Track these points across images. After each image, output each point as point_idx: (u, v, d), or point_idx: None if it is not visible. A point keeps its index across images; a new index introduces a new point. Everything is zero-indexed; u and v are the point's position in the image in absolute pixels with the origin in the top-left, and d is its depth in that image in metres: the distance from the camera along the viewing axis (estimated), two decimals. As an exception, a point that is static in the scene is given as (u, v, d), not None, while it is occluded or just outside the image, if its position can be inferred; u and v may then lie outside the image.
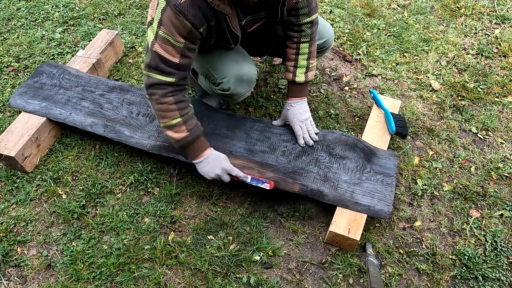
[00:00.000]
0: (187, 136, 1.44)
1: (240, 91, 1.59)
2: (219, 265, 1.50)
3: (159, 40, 1.30)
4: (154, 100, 1.40)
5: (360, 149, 1.68)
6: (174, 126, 1.42)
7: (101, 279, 1.47)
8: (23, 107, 1.84)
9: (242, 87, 1.58)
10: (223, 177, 1.52)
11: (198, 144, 1.49)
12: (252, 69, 1.59)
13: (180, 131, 1.43)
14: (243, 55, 1.62)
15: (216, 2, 1.27)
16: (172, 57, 1.33)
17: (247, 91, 1.62)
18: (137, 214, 1.65)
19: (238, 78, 1.55)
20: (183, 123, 1.43)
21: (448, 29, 2.47)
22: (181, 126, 1.43)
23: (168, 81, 1.36)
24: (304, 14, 1.51)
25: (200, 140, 1.50)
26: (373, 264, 1.29)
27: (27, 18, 2.56)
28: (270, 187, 1.55)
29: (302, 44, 1.57)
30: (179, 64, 1.35)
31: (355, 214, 1.52)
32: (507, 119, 1.98)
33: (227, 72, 1.55)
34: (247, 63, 1.58)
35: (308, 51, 1.58)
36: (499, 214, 1.65)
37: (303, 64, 1.60)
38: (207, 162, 1.51)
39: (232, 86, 1.56)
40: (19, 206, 1.68)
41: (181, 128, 1.43)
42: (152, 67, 1.35)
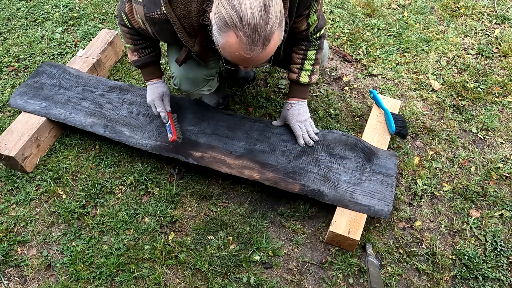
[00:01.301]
0: (135, 61, 1.59)
1: (186, 88, 1.64)
2: (219, 265, 1.50)
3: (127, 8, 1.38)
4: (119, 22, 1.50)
5: (360, 149, 1.68)
6: (128, 49, 1.59)
7: (101, 279, 1.47)
8: (23, 107, 1.84)
9: (188, 85, 1.62)
10: (152, 108, 1.69)
11: (149, 70, 1.63)
12: (200, 70, 1.59)
13: (132, 55, 1.59)
14: None
15: (186, 38, 1.29)
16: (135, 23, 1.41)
17: (194, 89, 1.65)
18: (137, 214, 1.65)
19: (183, 76, 1.59)
20: (134, 50, 1.57)
21: (448, 29, 2.47)
22: (133, 51, 1.58)
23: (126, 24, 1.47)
24: (313, 34, 1.51)
25: (150, 68, 1.63)
26: (373, 264, 1.29)
27: (27, 18, 2.56)
28: (170, 140, 1.65)
29: (309, 52, 1.58)
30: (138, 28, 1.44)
31: (355, 214, 1.52)
32: (507, 119, 1.98)
33: (176, 69, 1.59)
34: (196, 63, 1.58)
35: (314, 58, 1.59)
36: (499, 214, 1.65)
37: (308, 68, 1.60)
38: (150, 87, 1.66)
39: (178, 83, 1.62)
40: (19, 206, 1.68)
41: (133, 53, 1.58)
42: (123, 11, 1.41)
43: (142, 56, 1.58)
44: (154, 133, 1.75)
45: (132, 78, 2.17)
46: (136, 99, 1.87)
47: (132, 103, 1.86)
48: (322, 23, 1.51)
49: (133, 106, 1.85)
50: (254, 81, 2.13)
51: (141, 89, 1.93)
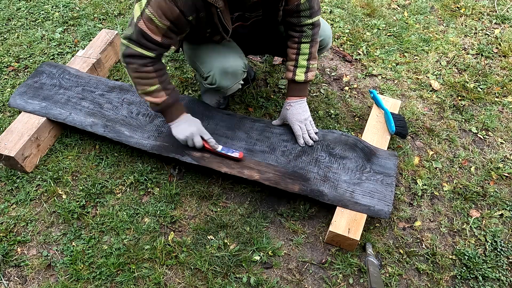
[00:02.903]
0: (167, 100, 1.50)
1: (226, 84, 1.60)
2: (219, 265, 1.50)
3: (144, 18, 1.32)
4: (132, 69, 1.43)
5: (360, 149, 1.68)
6: (153, 92, 1.47)
7: (101, 279, 1.47)
8: (23, 107, 1.84)
9: (228, 80, 1.59)
10: (195, 139, 1.57)
11: (176, 107, 1.56)
12: (237, 62, 1.58)
13: (160, 96, 1.49)
14: (230, 48, 1.62)
15: None
16: (155, 35, 1.35)
17: (233, 83, 1.62)
18: (137, 214, 1.65)
19: (222, 71, 1.56)
20: (162, 88, 1.48)
21: (448, 29, 2.47)
22: (160, 91, 1.48)
23: (148, 55, 1.40)
24: (305, 16, 1.51)
25: (178, 104, 1.56)
26: (373, 264, 1.29)
27: (27, 18, 2.56)
28: (239, 157, 1.60)
29: (303, 45, 1.57)
30: (161, 43, 1.38)
31: (355, 214, 1.52)
32: (507, 119, 1.98)
33: (212, 66, 1.57)
34: (232, 56, 1.58)
35: (308, 52, 1.58)
36: (499, 214, 1.65)
37: (303, 64, 1.60)
38: (182, 122, 1.57)
39: (217, 79, 1.58)
40: (19, 206, 1.68)
41: (160, 93, 1.48)
42: (133, 40, 1.37)
43: (171, 93, 1.50)
44: (154, 133, 1.75)
45: (132, 78, 2.17)
46: (136, 99, 1.87)
47: (132, 103, 1.86)
48: (316, 5, 1.51)
49: (133, 106, 1.85)
50: (254, 81, 2.13)
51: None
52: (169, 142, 1.70)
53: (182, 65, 2.24)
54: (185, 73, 2.20)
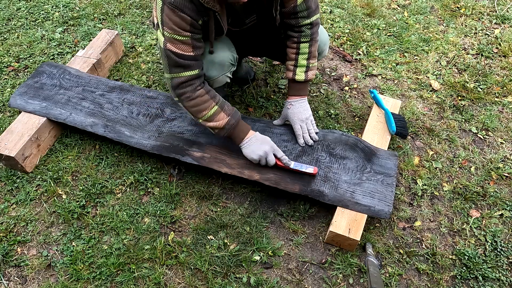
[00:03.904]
0: (230, 120, 1.49)
1: (212, 74, 1.57)
2: (219, 265, 1.50)
3: (167, 40, 1.34)
4: (186, 98, 1.43)
5: (360, 149, 1.68)
6: (213, 115, 1.46)
7: (101, 279, 1.47)
8: (23, 107, 1.84)
9: (214, 70, 1.56)
10: (269, 157, 1.55)
11: (242, 126, 1.54)
12: (225, 53, 1.57)
13: (221, 118, 1.47)
14: (221, 41, 1.60)
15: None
16: (186, 52, 1.37)
17: (220, 74, 1.59)
18: (137, 214, 1.65)
19: (209, 61, 1.55)
20: (220, 110, 1.47)
21: (448, 29, 2.47)
22: (219, 113, 1.47)
23: (193, 74, 1.40)
24: (303, 17, 1.52)
25: (242, 122, 1.54)
26: (373, 264, 1.29)
27: (27, 18, 2.56)
28: (314, 172, 1.57)
29: (302, 44, 1.57)
30: (195, 56, 1.39)
31: (355, 214, 1.52)
32: (507, 119, 1.98)
33: None
34: (220, 47, 1.57)
35: (308, 51, 1.59)
36: (499, 214, 1.65)
37: (303, 64, 1.60)
38: (254, 141, 1.54)
39: (204, 69, 1.56)
40: (19, 206, 1.68)
41: (221, 115, 1.47)
42: (172, 65, 1.38)
43: (231, 112, 1.49)
44: (154, 133, 1.75)
45: (132, 78, 2.17)
46: (136, 99, 1.87)
47: (132, 103, 1.86)
48: (313, 4, 1.51)
49: (133, 106, 1.85)
50: (254, 81, 2.13)
51: (141, 89, 1.93)
52: (169, 142, 1.70)
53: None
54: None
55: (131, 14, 2.59)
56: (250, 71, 2.11)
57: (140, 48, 2.36)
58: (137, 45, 2.37)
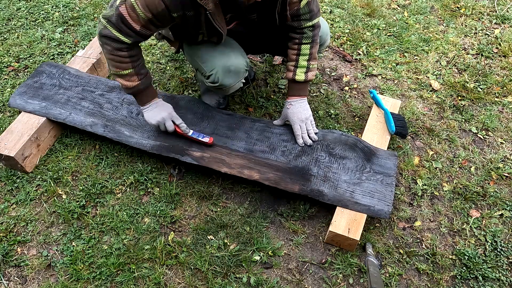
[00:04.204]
0: (139, 85, 1.51)
1: (229, 82, 1.60)
2: (219, 265, 1.50)
3: (127, 4, 1.32)
4: (107, 50, 1.43)
5: (360, 149, 1.68)
6: (125, 76, 1.48)
7: (101, 279, 1.47)
8: (23, 107, 1.84)
9: (230, 78, 1.59)
10: (167, 123, 1.61)
11: (148, 93, 1.58)
12: (239, 60, 1.59)
13: (132, 80, 1.50)
14: (232, 47, 1.62)
15: None
16: (134, 23, 1.35)
17: (236, 82, 1.63)
18: (137, 214, 1.65)
19: (225, 69, 1.56)
20: (134, 73, 1.49)
21: (448, 29, 2.47)
22: (132, 76, 1.49)
23: (124, 41, 1.39)
24: (305, 19, 1.53)
25: (150, 89, 1.58)
26: (373, 264, 1.29)
27: (27, 18, 2.56)
28: (209, 142, 1.64)
29: (303, 46, 1.58)
30: (139, 31, 1.38)
31: (355, 214, 1.52)
32: (507, 119, 1.98)
33: (215, 64, 1.57)
34: (234, 54, 1.59)
35: (309, 52, 1.59)
36: (499, 214, 1.65)
37: (303, 65, 1.61)
38: (154, 106, 1.60)
39: (220, 78, 1.58)
40: (19, 206, 1.68)
41: (133, 78, 1.49)
42: (112, 22, 1.36)
43: (143, 78, 1.51)
44: (154, 133, 1.75)
45: (132, 78, 2.17)
46: (136, 99, 1.87)
47: (132, 103, 1.86)
48: (315, 8, 1.52)
49: (133, 106, 1.84)
50: (254, 81, 2.13)
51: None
52: (169, 142, 1.70)
53: (182, 65, 2.24)
54: (185, 73, 2.20)
55: None
56: (250, 71, 2.11)
57: (140, 48, 2.35)
58: (137, 45, 2.37)
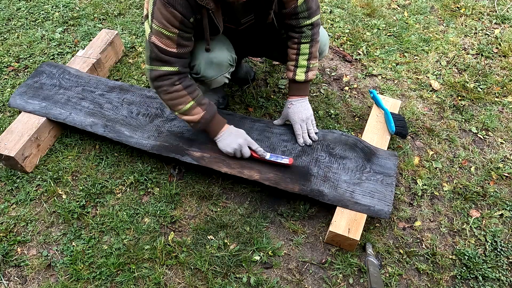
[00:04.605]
0: (205, 115, 1.50)
1: (210, 74, 1.58)
2: (219, 265, 1.50)
3: (154, 33, 1.35)
4: (163, 92, 1.44)
5: (360, 149, 1.67)
6: (189, 110, 1.48)
7: (101, 279, 1.47)
8: (23, 107, 1.84)
9: (212, 70, 1.57)
10: (244, 149, 1.57)
11: (217, 121, 1.56)
12: (223, 54, 1.57)
13: (197, 113, 1.49)
14: (219, 41, 1.61)
15: None
16: (170, 48, 1.37)
17: (218, 75, 1.60)
18: (137, 214, 1.65)
19: (207, 61, 1.55)
20: (197, 105, 1.49)
21: (448, 29, 2.47)
22: (195, 108, 1.49)
23: (172, 71, 1.41)
24: (303, 18, 1.52)
25: (218, 116, 1.56)
26: (373, 264, 1.29)
27: (27, 18, 2.56)
28: (290, 163, 1.58)
29: (302, 45, 1.57)
30: (178, 53, 1.39)
31: (355, 214, 1.52)
32: (507, 119, 1.98)
33: (198, 55, 1.56)
34: (219, 47, 1.57)
35: (308, 52, 1.59)
36: (499, 214, 1.65)
37: (303, 64, 1.61)
38: (228, 134, 1.57)
39: (202, 69, 1.57)
40: (19, 206, 1.68)
41: (196, 109, 1.49)
42: (153, 58, 1.38)
43: (207, 107, 1.50)
44: (154, 133, 1.75)
45: (132, 78, 2.17)
46: (136, 99, 1.87)
47: (132, 103, 1.86)
48: (314, 5, 1.51)
49: (133, 106, 1.85)
50: (254, 81, 2.13)
51: (141, 89, 1.93)
52: (169, 142, 1.70)
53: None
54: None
55: (131, 14, 2.59)
56: (250, 71, 2.11)
57: (140, 48, 2.36)
58: (137, 45, 2.37)
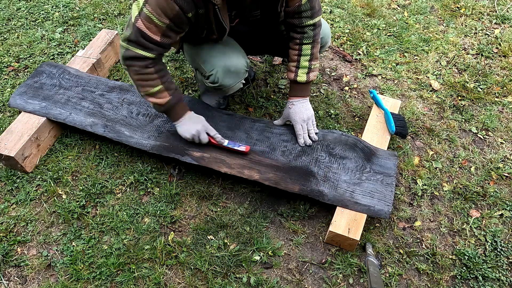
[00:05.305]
0: (171, 100, 1.51)
1: (229, 82, 1.60)
2: (219, 265, 1.50)
3: (142, 17, 1.31)
4: (133, 71, 1.43)
5: (360, 149, 1.68)
6: (156, 93, 1.48)
7: (101, 279, 1.47)
8: (23, 107, 1.84)
9: (230, 78, 1.59)
10: (201, 136, 1.59)
11: (180, 107, 1.57)
12: (240, 61, 1.59)
13: (163, 97, 1.49)
14: (232, 47, 1.62)
15: None
16: (154, 35, 1.35)
17: (236, 82, 1.63)
18: (137, 214, 1.65)
19: (225, 70, 1.56)
20: (164, 89, 1.48)
21: (448, 29, 2.47)
22: (163, 92, 1.48)
23: (148, 56, 1.39)
24: (306, 17, 1.52)
25: (182, 103, 1.58)
26: (373, 264, 1.29)
27: (27, 18, 2.56)
28: (246, 150, 1.61)
29: (304, 46, 1.58)
30: (160, 42, 1.37)
31: (355, 214, 1.52)
32: (507, 119, 1.98)
33: (215, 64, 1.56)
34: (235, 55, 1.58)
35: (310, 53, 1.59)
36: (499, 214, 1.65)
37: (305, 65, 1.61)
38: (188, 119, 1.58)
39: (220, 78, 1.58)
40: (19, 206, 1.68)
41: (164, 94, 1.49)
42: (132, 40, 1.36)
43: (174, 93, 1.51)
44: (154, 133, 1.75)
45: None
46: (136, 99, 1.87)
47: (132, 103, 1.86)
48: (317, 5, 1.51)
49: (133, 106, 1.85)
50: (254, 81, 2.13)
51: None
52: (169, 142, 1.70)
53: (182, 65, 2.25)
54: (185, 73, 2.20)
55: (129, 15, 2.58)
56: (250, 71, 2.11)
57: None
58: (137, 45, 2.37)
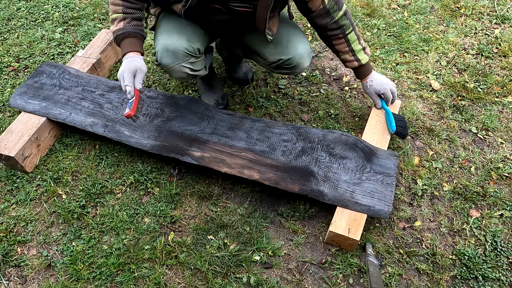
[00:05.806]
0: (119, 30, 1.48)
1: (166, 62, 1.54)
2: (219, 265, 1.50)
3: None
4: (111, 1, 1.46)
5: (360, 149, 1.68)
6: (114, 20, 1.49)
7: (101, 279, 1.47)
8: (23, 107, 1.84)
9: (168, 58, 1.53)
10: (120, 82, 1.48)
11: (130, 43, 1.49)
12: (180, 41, 1.52)
13: (118, 25, 1.49)
14: (183, 27, 1.56)
15: None
16: None
17: (174, 63, 1.54)
18: (137, 214, 1.65)
19: (164, 48, 1.52)
20: (122, 18, 1.48)
21: (448, 29, 2.47)
22: (120, 21, 1.48)
23: None
24: (335, 11, 1.55)
25: (134, 40, 1.50)
26: (373, 264, 1.29)
27: (27, 18, 2.56)
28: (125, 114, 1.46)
29: (349, 35, 1.62)
30: None
31: (355, 214, 1.52)
32: (507, 119, 1.98)
33: (159, 41, 1.54)
34: (178, 34, 1.53)
35: (356, 37, 1.64)
36: (499, 214, 1.65)
37: (359, 48, 1.66)
38: (129, 58, 1.48)
39: (159, 56, 1.54)
40: (19, 206, 1.68)
41: (120, 23, 1.48)
42: None
43: (128, 25, 1.47)
44: (154, 133, 1.75)
45: (132, 78, 2.17)
46: (136, 99, 1.87)
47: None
48: None
49: (133, 106, 1.84)
50: (254, 81, 2.13)
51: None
52: (169, 142, 1.70)
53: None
54: (185, 73, 2.20)
55: None
56: (249, 71, 2.11)
57: (140, 48, 2.35)
58: (137, 45, 2.37)
